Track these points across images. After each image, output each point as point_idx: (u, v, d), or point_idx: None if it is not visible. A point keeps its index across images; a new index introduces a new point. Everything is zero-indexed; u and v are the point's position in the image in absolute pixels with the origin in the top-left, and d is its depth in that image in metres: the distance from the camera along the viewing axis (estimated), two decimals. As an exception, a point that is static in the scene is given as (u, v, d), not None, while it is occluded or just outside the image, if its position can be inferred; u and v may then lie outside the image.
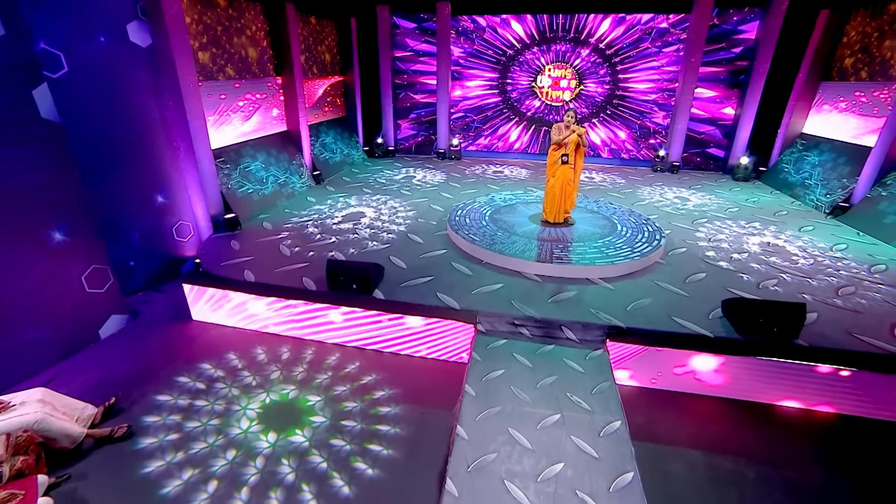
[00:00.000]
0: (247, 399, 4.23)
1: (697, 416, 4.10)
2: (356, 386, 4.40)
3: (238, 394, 4.29)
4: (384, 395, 4.26)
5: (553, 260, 5.42)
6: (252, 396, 4.26)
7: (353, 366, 4.71)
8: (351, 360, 4.80)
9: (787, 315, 4.12)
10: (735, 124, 10.82)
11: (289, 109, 9.35)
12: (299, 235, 6.77)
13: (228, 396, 4.26)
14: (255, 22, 8.01)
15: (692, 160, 11.48)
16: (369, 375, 4.56)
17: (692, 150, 11.44)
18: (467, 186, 9.55)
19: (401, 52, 12.18)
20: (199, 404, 4.18)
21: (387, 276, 5.42)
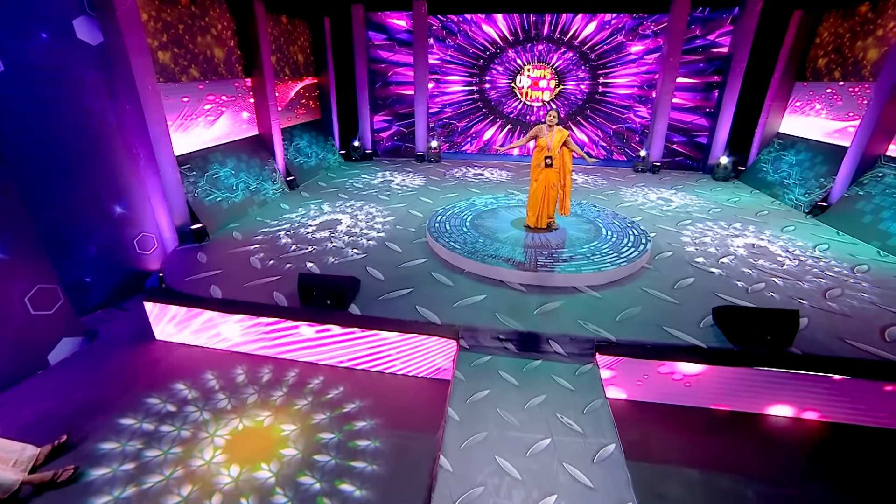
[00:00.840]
0: (215, 425, 3.88)
1: (692, 429, 3.92)
2: (335, 414, 4.08)
3: (205, 419, 3.94)
4: (363, 422, 3.96)
5: (537, 268, 5.20)
6: (220, 422, 3.91)
7: (330, 388, 4.39)
8: (327, 380, 4.48)
9: (780, 322, 3.99)
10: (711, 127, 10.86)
11: (260, 112, 8.95)
12: (271, 246, 6.40)
13: (195, 422, 3.90)
14: (221, 20, 7.59)
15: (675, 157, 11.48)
16: (348, 399, 4.25)
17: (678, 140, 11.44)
18: (447, 190, 9.29)
19: (377, 52, 11.85)
20: (163, 430, 3.82)
21: (363, 288, 5.12)
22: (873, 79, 7.75)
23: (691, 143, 11.37)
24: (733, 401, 4.10)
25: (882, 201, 6.86)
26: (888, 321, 4.51)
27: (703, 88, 10.89)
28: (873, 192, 7.09)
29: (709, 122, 11.03)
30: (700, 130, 11.18)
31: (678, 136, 11.31)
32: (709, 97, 10.89)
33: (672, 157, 11.44)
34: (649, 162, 11.19)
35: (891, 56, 7.02)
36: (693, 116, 11.13)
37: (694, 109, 11.08)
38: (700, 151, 11.34)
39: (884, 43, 7.65)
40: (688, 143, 11.39)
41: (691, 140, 11.33)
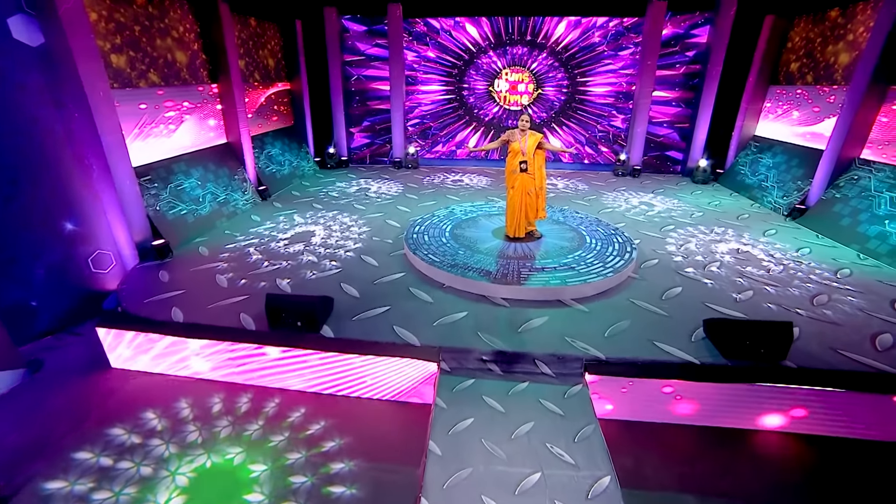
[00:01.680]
0: (176, 461, 3.51)
1: (686, 449, 3.73)
2: (307, 444, 3.74)
3: (165, 455, 3.55)
4: (339, 455, 3.63)
5: (520, 281, 4.97)
6: (183, 458, 3.53)
7: (303, 415, 4.05)
8: (299, 406, 4.13)
9: (773, 335, 3.84)
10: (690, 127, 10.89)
11: (228, 119, 8.52)
12: (239, 262, 6.01)
13: (155, 458, 3.52)
14: (183, 22, 7.17)
15: (651, 163, 11.48)
16: (322, 427, 3.91)
17: (652, 154, 11.44)
18: (425, 198, 9.02)
19: (352, 56, 11.52)
20: (118, 468, 3.45)
21: (337, 307, 4.80)
22: (845, 83, 7.83)
23: (671, 146, 11.39)
24: (727, 418, 3.92)
25: (859, 204, 6.88)
26: (877, 328, 4.43)
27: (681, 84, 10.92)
28: (849, 194, 7.12)
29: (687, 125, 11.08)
30: (682, 122, 11.20)
31: (662, 130, 11.31)
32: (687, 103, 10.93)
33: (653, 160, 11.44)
34: (629, 165, 11.15)
35: (862, 61, 7.07)
36: (676, 110, 11.15)
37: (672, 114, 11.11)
38: (680, 153, 11.37)
39: (854, 48, 7.74)
40: (667, 145, 11.40)
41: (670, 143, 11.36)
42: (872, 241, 6.33)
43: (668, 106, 11.05)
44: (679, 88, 10.86)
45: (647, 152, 11.32)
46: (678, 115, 11.07)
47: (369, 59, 11.49)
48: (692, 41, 10.45)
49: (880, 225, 6.38)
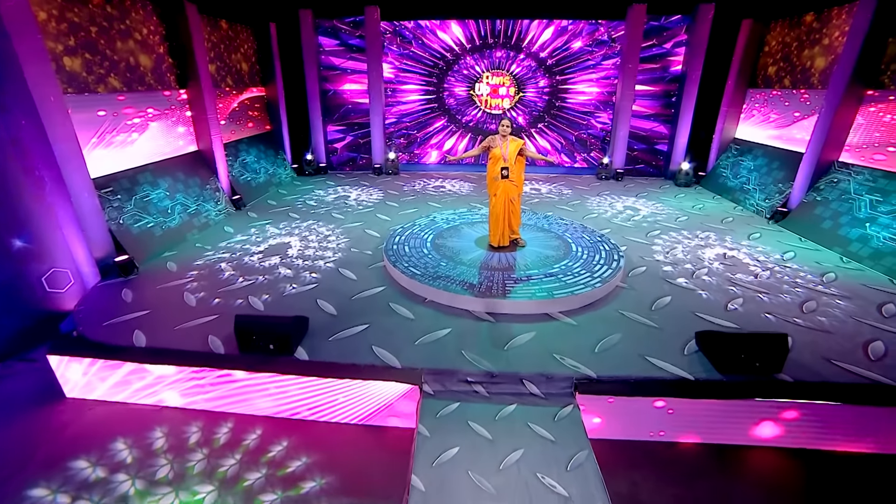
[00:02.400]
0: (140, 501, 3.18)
1: (681, 469, 3.54)
2: (278, 476, 3.44)
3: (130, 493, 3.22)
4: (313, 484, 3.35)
5: (505, 294, 4.76)
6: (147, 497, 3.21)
7: (274, 444, 3.75)
8: (270, 434, 3.82)
9: (768, 348, 3.70)
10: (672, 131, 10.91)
11: (198, 126, 8.13)
12: (210, 278, 5.67)
13: (115, 497, 3.19)
14: (147, 24, 6.79)
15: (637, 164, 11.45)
16: (294, 456, 3.62)
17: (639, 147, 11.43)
18: (406, 206, 8.77)
19: (329, 58, 11.22)
20: None
21: (313, 326, 4.51)
22: (822, 86, 7.88)
23: (652, 150, 11.39)
24: (723, 433, 3.76)
25: (839, 207, 6.89)
26: (868, 336, 4.35)
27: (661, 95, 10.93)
28: (830, 197, 7.13)
29: (668, 128, 11.09)
30: (660, 138, 11.21)
31: (639, 144, 11.30)
32: (667, 104, 10.94)
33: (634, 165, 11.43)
34: (612, 169, 11.10)
35: (839, 65, 7.11)
36: (653, 124, 11.15)
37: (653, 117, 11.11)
38: (661, 157, 11.37)
39: (829, 52, 7.79)
40: (649, 149, 11.39)
41: (652, 147, 11.35)
42: (854, 244, 6.32)
43: (647, 120, 11.06)
44: (660, 91, 10.87)
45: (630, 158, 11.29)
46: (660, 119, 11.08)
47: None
48: (671, 46, 10.47)
49: (861, 228, 6.38)
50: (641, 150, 11.38)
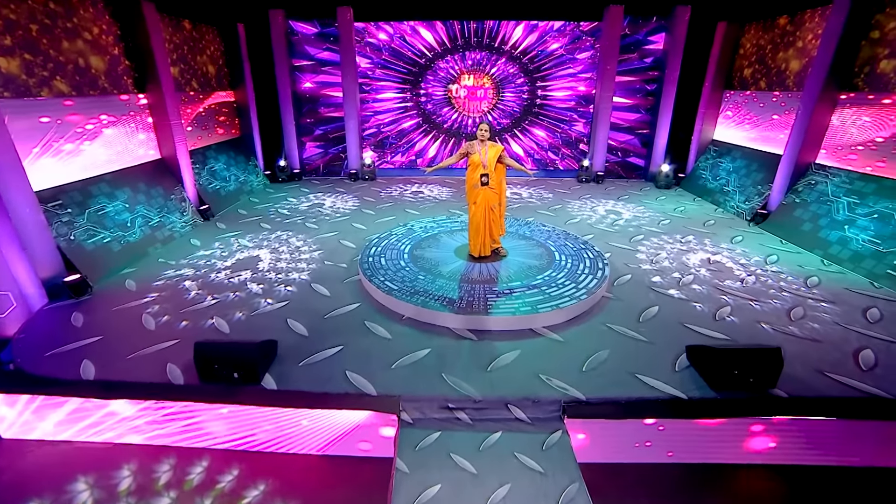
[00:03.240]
0: None
1: (676, 492, 3.36)
2: (238, 528, 3.12)
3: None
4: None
5: (487, 310, 4.52)
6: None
7: (242, 480, 3.41)
8: (237, 470, 3.49)
9: (762, 362, 3.55)
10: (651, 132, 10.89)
11: (161, 133, 7.67)
12: (173, 297, 5.27)
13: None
14: (98, 23, 6.31)
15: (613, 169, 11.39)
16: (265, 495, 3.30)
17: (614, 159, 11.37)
18: (383, 213, 8.46)
19: (300, 61, 10.82)
20: None
21: (282, 349, 4.19)
22: (797, 88, 7.91)
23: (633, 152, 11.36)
24: (718, 453, 3.60)
25: (818, 209, 6.89)
26: (857, 344, 4.26)
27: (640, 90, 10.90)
28: (808, 199, 7.13)
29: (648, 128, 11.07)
30: (641, 127, 11.17)
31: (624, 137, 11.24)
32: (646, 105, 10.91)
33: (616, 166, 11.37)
34: (593, 171, 11.01)
35: (814, 68, 7.11)
36: (636, 115, 11.11)
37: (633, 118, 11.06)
38: (642, 159, 11.35)
39: (804, 54, 7.82)
40: (629, 151, 11.35)
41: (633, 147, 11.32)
42: (834, 247, 6.30)
43: (627, 125, 11.01)
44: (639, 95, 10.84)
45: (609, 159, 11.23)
46: (638, 121, 11.04)
47: (320, 64, 10.83)
48: (650, 48, 10.43)
49: (840, 230, 6.37)
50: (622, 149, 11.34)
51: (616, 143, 11.19)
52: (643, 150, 11.22)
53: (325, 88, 11.02)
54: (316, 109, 11.17)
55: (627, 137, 11.17)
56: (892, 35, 6.22)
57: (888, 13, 6.30)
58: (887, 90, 6.25)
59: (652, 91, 10.70)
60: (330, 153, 11.54)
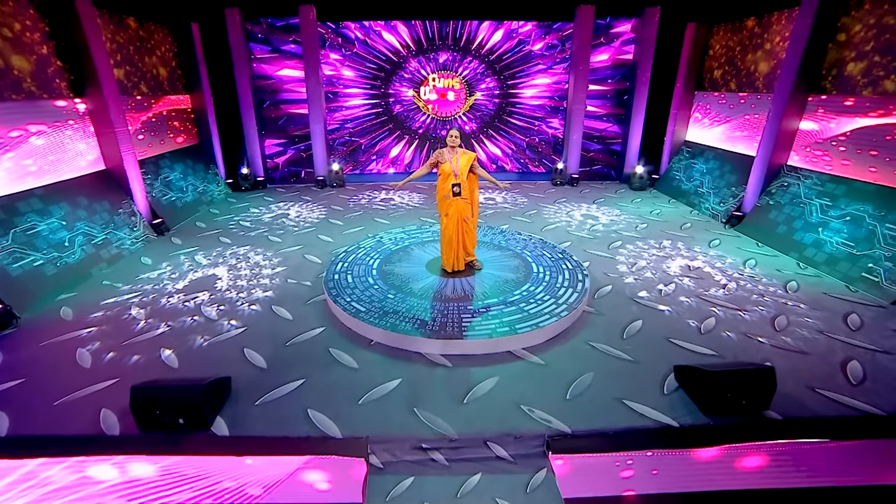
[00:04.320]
0: None
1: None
2: None
3: None
4: None
5: (462, 332, 4.19)
6: None
7: (180, 559, 2.98)
8: (178, 547, 3.06)
9: (755, 383, 3.35)
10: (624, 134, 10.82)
11: (104, 141, 7.03)
12: (115, 326, 4.73)
13: None
14: (20, 18, 5.65)
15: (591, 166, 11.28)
16: (206, 575, 2.87)
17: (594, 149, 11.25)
18: (351, 223, 8.03)
19: (261, 59, 10.26)
20: None
21: (237, 386, 3.75)
22: (767, 90, 7.90)
23: (607, 152, 11.26)
24: (711, 481, 3.37)
25: (791, 211, 6.86)
26: (843, 355, 4.13)
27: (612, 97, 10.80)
28: (782, 201, 7.11)
29: (621, 129, 10.99)
30: (614, 138, 11.09)
31: (594, 145, 11.13)
32: (619, 106, 10.83)
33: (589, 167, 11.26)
34: (567, 174, 10.86)
35: (783, 71, 7.09)
36: (606, 124, 11.01)
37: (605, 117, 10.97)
38: (616, 160, 11.27)
39: (772, 56, 7.82)
40: (603, 151, 11.25)
41: (607, 148, 11.22)
42: (809, 250, 6.26)
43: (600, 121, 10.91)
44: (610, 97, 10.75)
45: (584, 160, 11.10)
46: (611, 121, 10.95)
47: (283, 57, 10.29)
48: (622, 49, 10.35)
49: (814, 233, 6.34)
50: (597, 151, 11.23)
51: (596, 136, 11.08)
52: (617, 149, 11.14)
53: (288, 92, 10.48)
54: (279, 110, 10.62)
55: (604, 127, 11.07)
56: (858, 38, 6.22)
57: (853, 16, 6.31)
58: (855, 92, 6.25)
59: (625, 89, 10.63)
60: (290, 151, 11.01)
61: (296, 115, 10.64)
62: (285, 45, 10.11)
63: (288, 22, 9.92)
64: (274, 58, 10.15)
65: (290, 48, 10.11)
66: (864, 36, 6.12)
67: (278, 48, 10.13)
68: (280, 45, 10.11)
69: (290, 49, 10.11)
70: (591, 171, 11.31)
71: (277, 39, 10.07)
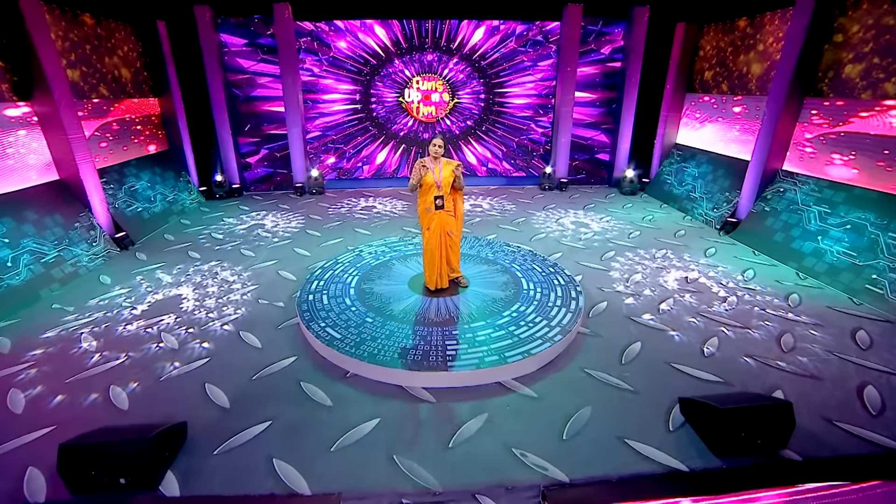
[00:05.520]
0: None
1: None
2: None
3: None
4: None
5: (447, 363, 3.80)
6: None
7: None
8: None
9: (771, 421, 3.02)
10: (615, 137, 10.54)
11: (56, 149, 6.47)
12: (60, 359, 4.23)
13: None
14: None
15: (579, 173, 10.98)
16: None
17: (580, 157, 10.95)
18: (329, 234, 7.58)
19: (235, 53, 9.74)
20: None
21: (194, 431, 3.31)
22: (760, 92, 7.68)
23: (594, 162, 10.97)
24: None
25: (788, 218, 6.62)
26: (857, 378, 3.85)
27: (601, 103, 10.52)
28: (778, 207, 6.87)
29: (609, 138, 10.71)
30: (601, 146, 10.81)
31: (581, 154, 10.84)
32: (608, 110, 10.55)
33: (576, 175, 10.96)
34: (556, 179, 10.55)
35: (778, 72, 6.86)
36: (593, 133, 10.73)
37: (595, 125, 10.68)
38: (604, 165, 11.00)
39: (765, 58, 7.60)
40: (591, 161, 10.97)
41: (593, 158, 10.94)
42: (808, 259, 6.02)
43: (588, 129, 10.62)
44: (601, 91, 10.46)
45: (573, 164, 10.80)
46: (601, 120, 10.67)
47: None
48: (609, 50, 10.07)
49: (813, 241, 6.10)
50: (582, 160, 10.94)
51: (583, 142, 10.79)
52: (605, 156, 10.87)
53: (264, 91, 9.97)
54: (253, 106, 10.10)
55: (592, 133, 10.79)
56: (856, 39, 6.00)
57: (851, 16, 6.08)
58: (853, 95, 6.03)
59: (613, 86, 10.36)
60: (263, 151, 10.49)
61: (271, 112, 10.09)
62: (262, 39, 9.57)
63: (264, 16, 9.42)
64: (249, 51, 9.60)
65: (266, 41, 9.57)
66: (862, 37, 5.90)
67: (254, 41, 9.57)
68: (256, 39, 9.56)
69: (267, 42, 9.57)
70: (580, 175, 11.01)
71: (252, 33, 9.52)
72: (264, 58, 9.66)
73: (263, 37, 9.52)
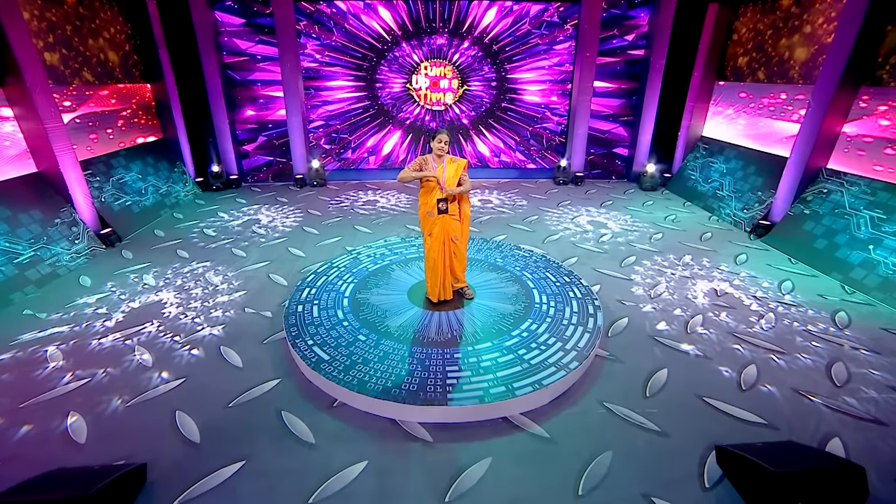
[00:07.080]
0: None
1: None
2: None
3: None
4: None
5: (447, 396, 3.31)
6: None
7: None
8: None
9: (837, 489, 2.49)
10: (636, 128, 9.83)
11: (32, 139, 6.03)
12: (21, 377, 3.83)
13: None
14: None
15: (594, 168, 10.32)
16: None
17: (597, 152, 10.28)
18: (328, 232, 7.10)
19: (232, 33, 9.19)
20: None
21: (155, 476, 2.88)
22: (803, 81, 6.94)
23: (611, 156, 10.28)
24: None
25: (833, 223, 5.96)
26: (928, 424, 3.28)
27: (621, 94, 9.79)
28: (820, 210, 6.20)
29: (628, 132, 10.00)
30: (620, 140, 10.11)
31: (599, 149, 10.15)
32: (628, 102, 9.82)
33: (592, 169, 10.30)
34: (571, 172, 9.91)
35: (829, 57, 6.12)
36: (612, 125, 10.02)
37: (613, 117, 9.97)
38: (622, 160, 10.30)
39: (813, 41, 6.83)
40: (608, 155, 10.28)
41: (609, 152, 10.24)
42: (857, 271, 5.38)
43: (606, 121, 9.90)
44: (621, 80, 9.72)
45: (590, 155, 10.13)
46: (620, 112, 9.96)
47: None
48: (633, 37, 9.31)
49: (863, 251, 5.45)
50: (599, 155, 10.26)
51: (596, 140, 10.11)
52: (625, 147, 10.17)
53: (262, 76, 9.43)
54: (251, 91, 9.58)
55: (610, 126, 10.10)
56: (925, 17, 5.26)
57: (919, -8, 5.34)
58: (917, 84, 5.31)
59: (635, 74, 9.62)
60: (260, 138, 10.00)
61: (270, 97, 9.55)
62: (261, 19, 9.00)
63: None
64: (247, 31, 9.03)
65: (266, 21, 8.99)
66: (932, 16, 5.15)
67: (253, 21, 9.00)
68: (255, 19, 8.99)
69: (267, 22, 8.99)
70: (598, 168, 10.35)
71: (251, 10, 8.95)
72: (263, 38, 9.09)
73: (262, 16, 8.94)
